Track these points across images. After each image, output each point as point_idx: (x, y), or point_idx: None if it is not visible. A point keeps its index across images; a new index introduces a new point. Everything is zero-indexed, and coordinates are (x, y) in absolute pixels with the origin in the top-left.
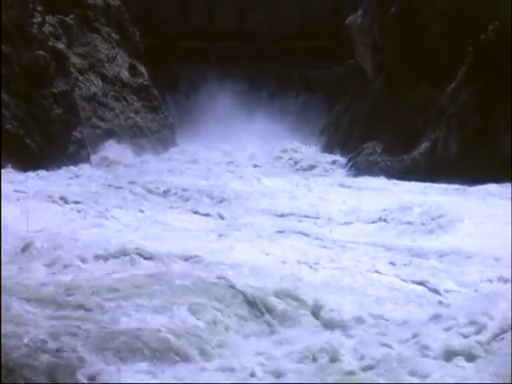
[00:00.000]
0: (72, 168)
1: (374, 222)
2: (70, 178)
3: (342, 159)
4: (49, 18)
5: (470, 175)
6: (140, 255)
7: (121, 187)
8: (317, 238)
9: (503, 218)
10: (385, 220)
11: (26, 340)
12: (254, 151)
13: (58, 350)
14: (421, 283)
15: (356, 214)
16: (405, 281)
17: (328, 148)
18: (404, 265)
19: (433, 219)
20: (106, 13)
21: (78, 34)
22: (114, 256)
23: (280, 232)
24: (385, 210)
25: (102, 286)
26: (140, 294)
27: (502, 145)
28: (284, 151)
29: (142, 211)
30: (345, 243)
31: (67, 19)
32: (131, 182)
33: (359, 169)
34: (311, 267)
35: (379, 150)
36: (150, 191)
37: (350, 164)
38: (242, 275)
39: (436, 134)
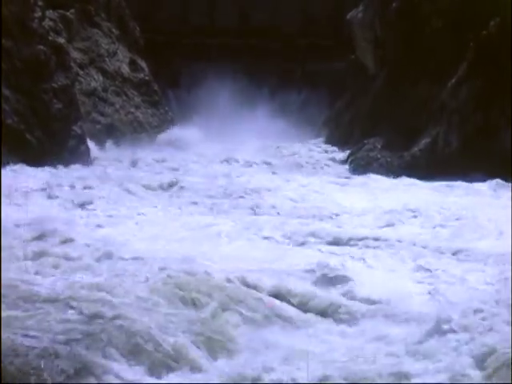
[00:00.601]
0: (72, 164)
1: (393, 224)
2: (72, 176)
3: (342, 155)
4: (49, 13)
5: (470, 171)
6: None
7: (123, 185)
8: (345, 240)
9: None
10: (407, 221)
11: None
12: (255, 147)
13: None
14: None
15: (374, 214)
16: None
17: (329, 144)
18: (452, 271)
19: (457, 219)
20: (106, 7)
21: (79, 28)
22: (139, 260)
23: (306, 234)
24: (403, 210)
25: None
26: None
27: (502, 141)
28: (285, 147)
29: (151, 208)
30: (378, 245)
31: (68, 14)
32: (133, 180)
33: (359, 165)
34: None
35: (379, 146)
36: (153, 189)
37: (350, 160)
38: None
39: (436, 130)
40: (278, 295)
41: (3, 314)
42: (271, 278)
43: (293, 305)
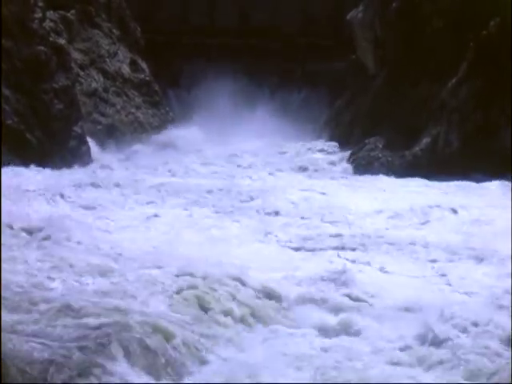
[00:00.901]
0: (73, 164)
1: (407, 226)
2: (75, 177)
3: (343, 155)
4: (50, 14)
5: (470, 171)
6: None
7: (127, 187)
8: (360, 243)
9: None
10: (421, 223)
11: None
12: (256, 148)
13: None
14: None
15: (386, 216)
16: None
17: (330, 143)
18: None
19: (471, 220)
20: (107, 8)
21: (79, 29)
22: (154, 264)
23: (318, 238)
24: (415, 211)
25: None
26: None
27: (502, 140)
28: (286, 147)
29: (157, 211)
30: (395, 248)
31: (68, 15)
32: (136, 182)
33: (360, 164)
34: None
35: (380, 146)
36: (157, 190)
37: (351, 160)
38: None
39: (437, 129)
40: (304, 306)
41: (12, 318)
42: (295, 286)
43: (321, 316)
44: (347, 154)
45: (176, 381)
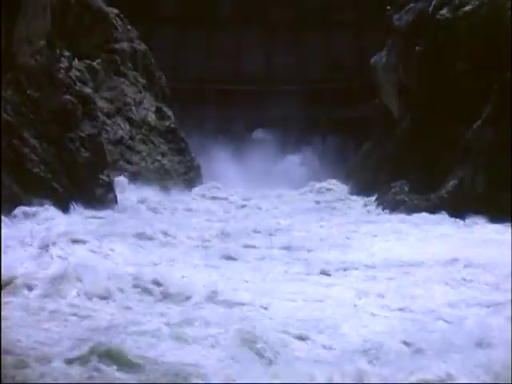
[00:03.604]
0: (101, 212)
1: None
2: (113, 226)
3: (369, 199)
4: (75, 63)
5: (497, 214)
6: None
7: (164, 235)
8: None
9: None
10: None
11: None
12: (284, 193)
13: None
14: None
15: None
16: None
17: (356, 188)
18: None
19: None
20: (132, 57)
21: (105, 78)
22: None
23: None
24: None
25: None
26: None
27: None
28: (313, 193)
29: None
30: None
31: (94, 64)
32: (177, 230)
33: (386, 208)
34: None
35: (406, 189)
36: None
37: (377, 203)
38: None
39: (463, 171)
40: None
41: None
42: None
43: None
44: (374, 197)
45: None
